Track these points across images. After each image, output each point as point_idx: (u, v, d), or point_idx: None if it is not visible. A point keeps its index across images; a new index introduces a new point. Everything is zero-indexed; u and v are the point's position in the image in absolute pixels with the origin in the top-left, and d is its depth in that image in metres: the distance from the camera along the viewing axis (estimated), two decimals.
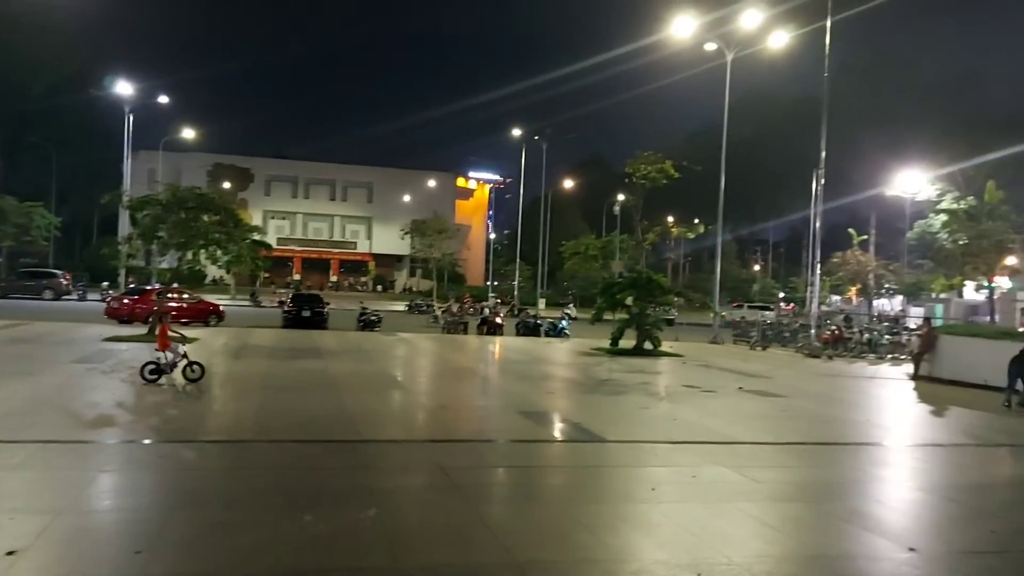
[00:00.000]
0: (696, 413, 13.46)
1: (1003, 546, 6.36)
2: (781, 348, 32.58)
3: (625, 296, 27.29)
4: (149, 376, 13.39)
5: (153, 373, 13.41)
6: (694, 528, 6.44)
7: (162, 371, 13.43)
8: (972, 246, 46.31)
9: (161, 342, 13.54)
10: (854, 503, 7.70)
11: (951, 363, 21.32)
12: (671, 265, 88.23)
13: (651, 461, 9.26)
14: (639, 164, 55.34)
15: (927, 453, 11.14)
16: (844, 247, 63.67)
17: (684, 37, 34.16)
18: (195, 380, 13.58)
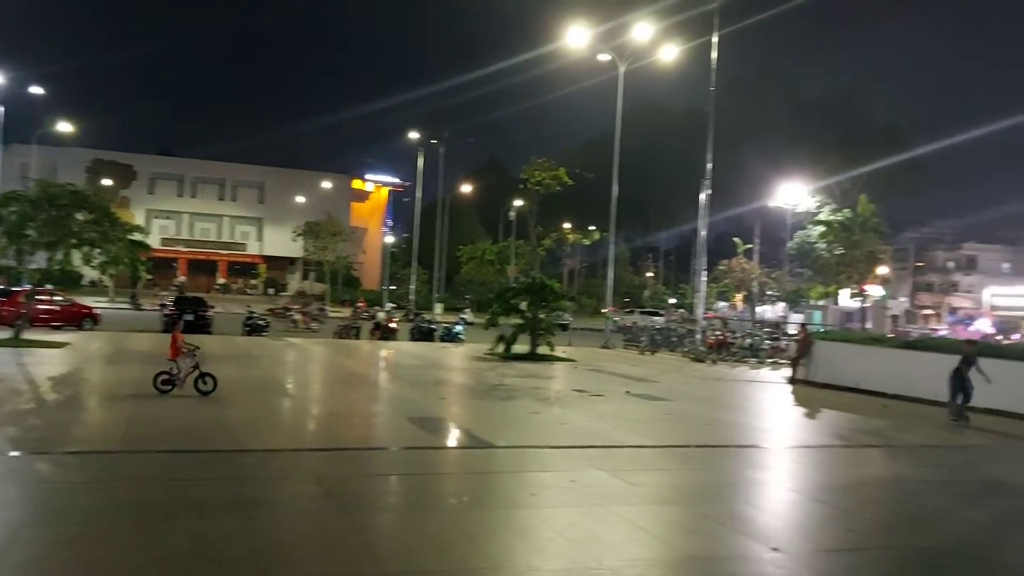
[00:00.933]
0: (583, 417, 13.62)
1: (860, 543, 6.66)
2: (669, 352, 33.48)
3: (519, 301, 27.48)
4: (162, 387, 12.87)
5: (166, 384, 12.89)
6: (570, 533, 6.47)
7: (174, 381, 12.90)
8: (847, 256, 48.96)
9: (172, 351, 12.99)
10: (727, 505, 7.93)
11: (825, 367, 22.38)
12: (567, 271, 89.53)
13: (535, 466, 9.28)
14: (534, 171, 56.06)
15: (799, 455, 11.62)
16: (730, 255, 66.20)
17: (579, 47, 34.75)
18: (207, 393, 12.94)
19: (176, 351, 12.99)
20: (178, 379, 12.91)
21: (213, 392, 12.98)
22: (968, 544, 6.86)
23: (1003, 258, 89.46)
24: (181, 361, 12.98)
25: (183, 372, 12.96)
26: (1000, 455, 12.16)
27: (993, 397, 16.86)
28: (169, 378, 12.94)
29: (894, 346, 22.06)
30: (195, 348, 13.41)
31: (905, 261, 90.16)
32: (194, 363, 13.09)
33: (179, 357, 12.97)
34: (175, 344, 13.06)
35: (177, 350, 12.99)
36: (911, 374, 19.62)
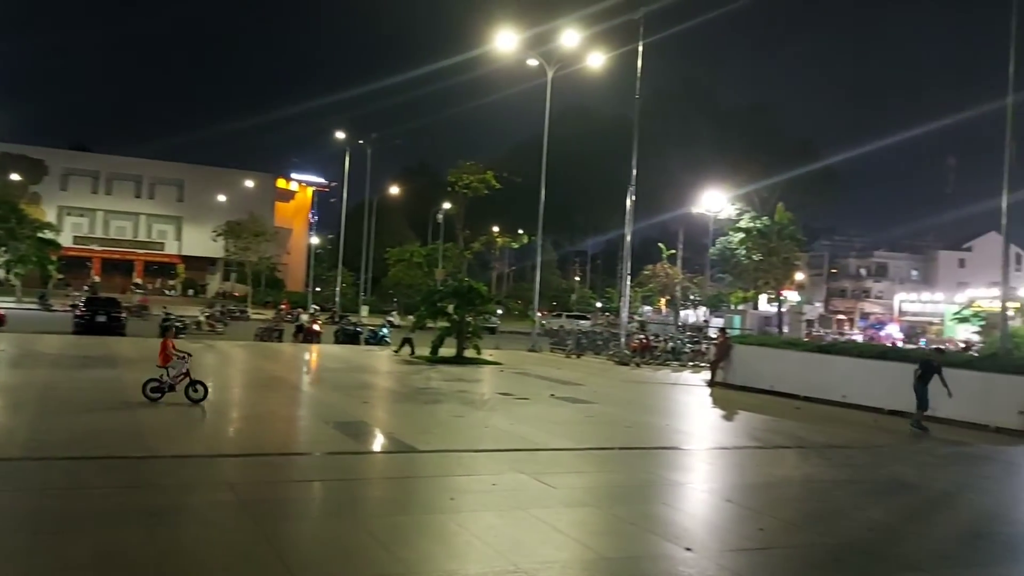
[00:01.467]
0: (507, 421, 13.66)
1: (769, 542, 6.87)
2: (595, 356, 33.88)
3: (446, 304, 27.41)
4: (151, 394, 12.57)
5: (155, 391, 12.60)
6: (488, 537, 6.48)
7: (163, 389, 12.61)
8: (765, 262, 50.45)
9: (162, 358, 12.70)
10: (643, 506, 8.07)
11: (743, 370, 22.99)
12: (495, 274, 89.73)
13: (456, 470, 9.27)
14: (462, 173, 56.04)
15: (715, 456, 11.91)
16: (656, 260, 67.54)
17: (508, 52, 34.93)
18: (198, 401, 12.61)
19: (166, 358, 12.70)
20: (167, 385, 12.63)
21: (204, 399, 12.69)
22: (869, 540, 7.14)
23: (911, 265, 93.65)
24: (171, 368, 12.68)
25: (173, 379, 12.68)
26: (902, 455, 12.71)
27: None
28: (159, 385, 12.67)
29: (807, 350, 22.83)
30: (186, 355, 13.08)
31: (820, 268, 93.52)
32: (185, 370, 12.79)
33: (169, 364, 12.68)
34: (165, 350, 12.76)
35: (167, 357, 12.70)
36: (822, 377, 20.34)
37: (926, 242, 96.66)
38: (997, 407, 16.50)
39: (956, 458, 12.51)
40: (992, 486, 10.15)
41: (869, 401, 18.60)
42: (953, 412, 17.01)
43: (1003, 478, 10.82)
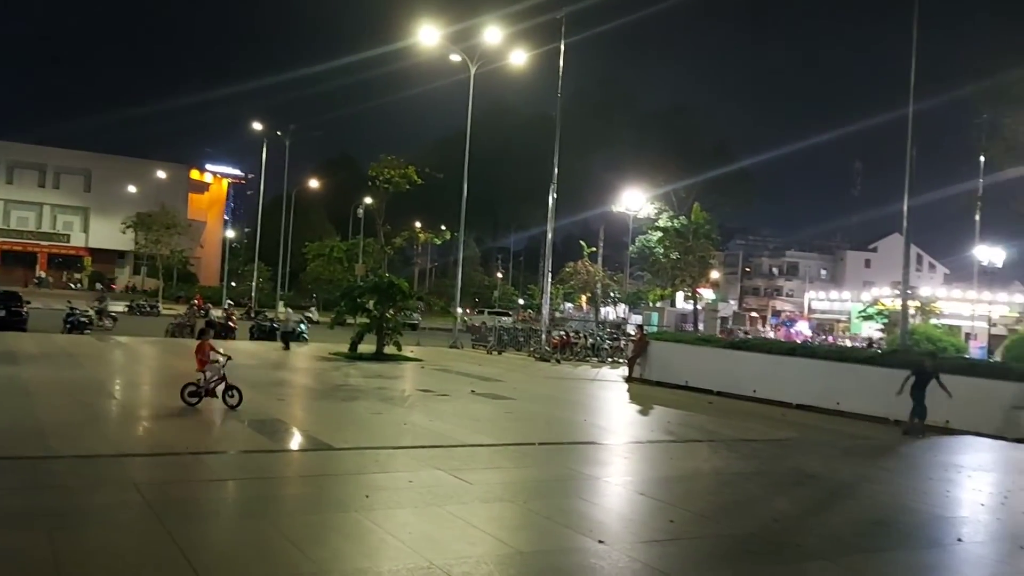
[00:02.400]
0: (426, 417, 13.62)
1: (679, 534, 7.04)
2: (516, 352, 34.07)
3: (367, 300, 27.11)
4: (189, 399, 12.34)
5: (193, 395, 12.36)
6: (402, 534, 6.44)
7: (200, 393, 12.35)
8: (682, 261, 51.63)
9: (200, 361, 12.46)
10: (559, 500, 8.15)
11: (659, 366, 23.50)
12: (418, 270, 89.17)
13: (372, 468, 9.17)
14: (383, 168, 55.44)
15: (631, 450, 12.13)
16: (577, 258, 68.23)
17: (431, 46, 34.73)
18: (233, 407, 12.39)
19: (204, 362, 12.47)
20: (203, 390, 12.38)
21: (239, 405, 12.46)
22: (774, 530, 7.39)
23: (820, 265, 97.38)
24: (209, 370, 12.45)
25: (208, 382, 12.43)
26: (806, 447, 13.20)
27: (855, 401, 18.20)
28: (196, 389, 12.41)
29: (720, 346, 23.50)
30: (226, 358, 12.82)
31: (734, 266, 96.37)
32: (221, 374, 12.52)
33: (206, 367, 12.46)
34: (202, 353, 12.53)
35: (205, 360, 12.47)
36: (734, 373, 20.97)
37: (835, 243, 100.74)
38: (897, 401, 17.29)
39: (858, 450, 13.06)
40: (891, 476, 10.65)
41: (778, 396, 19.27)
42: (857, 406, 17.79)
43: (902, 469, 11.36)
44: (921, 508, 8.84)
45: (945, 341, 37.48)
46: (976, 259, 48.72)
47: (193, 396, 12.46)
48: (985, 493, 9.88)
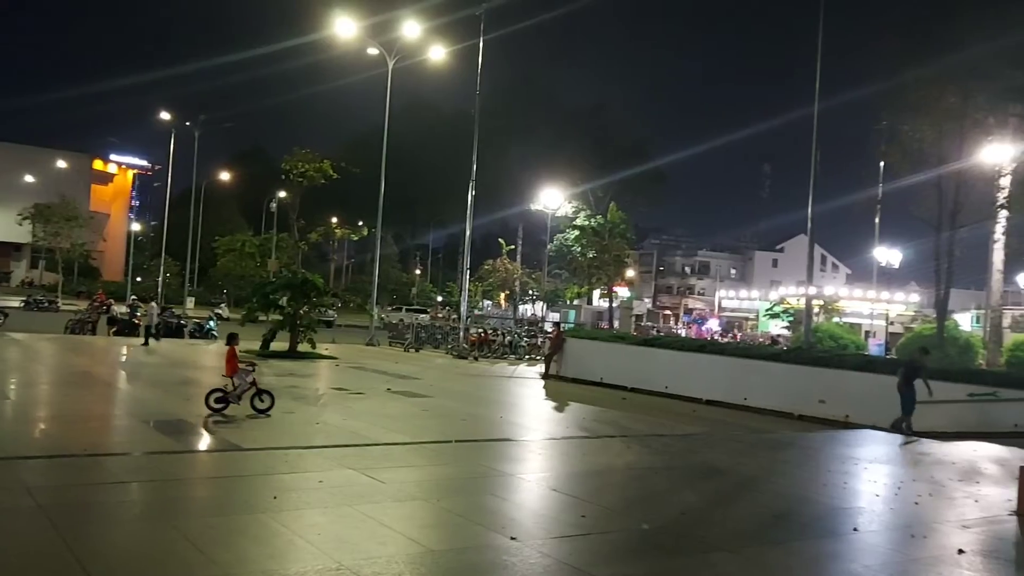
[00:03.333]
0: (340, 416, 13.45)
1: (590, 528, 7.12)
2: (434, 349, 33.94)
3: (279, 297, 26.55)
4: (215, 404, 12.14)
5: (220, 402, 12.17)
6: (311, 535, 6.31)
7: (228, 399, 12.19)
8: (598, 259, 52.39)
9: (228, 367, 12.30)
10: (472, 498, 8.14)
11: (575, 363, 23.81)
12: (334, 267, 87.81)
13: (281, 468, 8.96)
14: (296, 161, 54.32)
15: (546, 446, 12.23)
16: (496, 255, 68.46)
17: (348, 39, 34.20)
18: (264, 411, 12.29)
19: (233, 368, 12.30)
20: (233, 396, 12.22)
21: (271, 409, 12.38)
22: (681, 523, 7.57)
23: (731, 264, 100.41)
24: (238, 378, 12.28)
25: (240, 389, 12.29)
26: (714, 442, 13.58)
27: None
28: (223, 396, 12.22)
29: (634, 343, 23.98)
30: (253, 364, 12.77)
31: (649, 265, 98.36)
32: (251, 380, 12.38)
33: (236, 374, 12.27)
34: (232, 360, 12.37)
35: (235, 367, 12.30)
36: (647, 369, 21.43)
37: (744, 243, 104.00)
38: (801, 396, 18.02)
39: (763, 444, 13.51)
40: (792, 470, 11.04)
41: (689, 392, 19.79)
42: (763, 402, 18.42)
43: (803, 462, 11.78)
44: (820, 500, 9.20)
45: (846, 339, 39.18)
46: (875, 260, 51.03)
47: (220, 402, 12.25)
48: (880, 484, 10.35)
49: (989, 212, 30.37)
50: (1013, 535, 8.16)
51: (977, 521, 8.43)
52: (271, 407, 12.55)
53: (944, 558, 6.97)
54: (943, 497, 9.75)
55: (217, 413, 12.18)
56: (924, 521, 8.36)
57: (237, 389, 12.34)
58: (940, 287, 33.13)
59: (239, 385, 12.34)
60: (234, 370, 12.37)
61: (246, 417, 12.81)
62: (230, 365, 12.42)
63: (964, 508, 9.12)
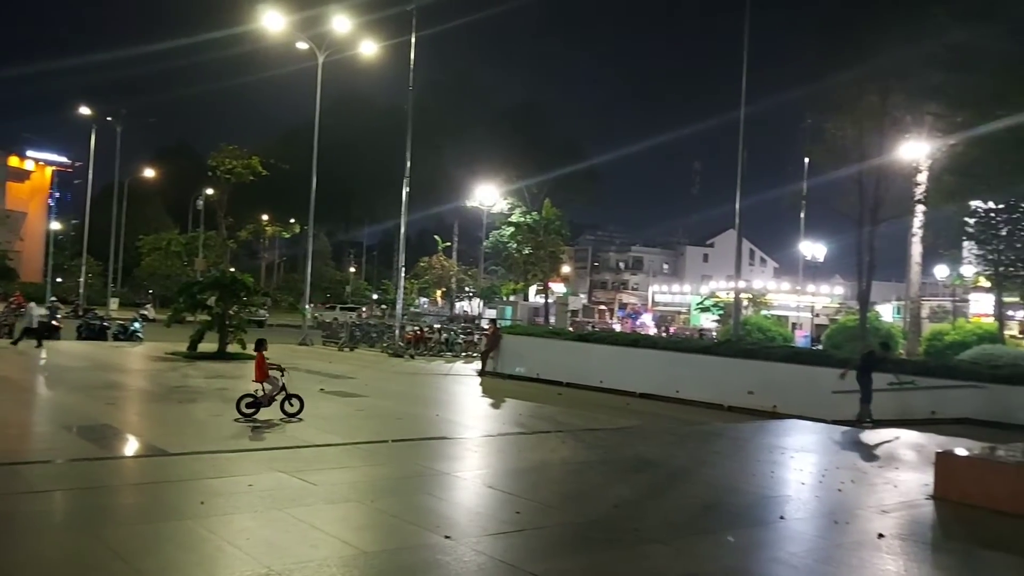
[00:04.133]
0: (271, 417, 13.18)
1: (524, 524, 7.15)
2: (369, 348, 33.57)
3: (207, 297, 25.93)
4: (246, 410, 12.23)
5: (250, 407, 12.26)
6: (238, 540, 6.18)
7: (259, 404, 12.31)
8: (533, 255, 52.64)
9: (258, 373, 12.47)
10: (407, 498, 8.09)
11: (511, 359, 23.87)
12: (265, 265, 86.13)
13: (209, 473, 8.75)
14: (223, 158, 53.06)
15: (482, 444, 12.23)
16: (431, 252, 68.14)
17: (276, 32, 33.55)
18: (294, 415, 12.43)
19: (263, 374, 12.45)
20: (265, 400, 12.39)
21: (300, 413, 12.50)
22: (615, 516, 7.66)
23: (663, 260, 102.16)
24: (268, 382, 12.44)
25: (271, 394, 12.45)
26: (647, 434, 13.80)
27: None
28: (254, 401, 12.35)
29: (569, 339, 24.18)
30: (283, 369, 12.80)
31: (584, 261, 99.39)
32: (281, 384, 12.55)
33: (266, 379, 12.42)
34: (262, 366, 12.52)
35: (265, 373, 12.45)
36: (582, 364, 21.63)
37: (676, 238, 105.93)
38: (730, 388, 18.44)
39: (694, 436, 13.77)
40: (722, 460, 11.28)
41: (623, 385, 20.04)
42: (694, 394, 18.77)
43: (732, 452, 12.05)
44: (749, 489, 9.43)
45: (774, 331, 40.25)
46: (801, 254, 52.53)
47: (250, 407, 12.32)
48: (806, 473, 10.66)
49: (907, 207, 31.51)
50: (929, 518, 8.51)
51: (896, 506, 8.76)
52: (301, 410, 12.63)
53: (865, 543, 7.21)
54: (865, 483, 10.10)
55: (248, 419, 12.23)
56: (847, 507, 8.65)
57: (268, 394, 12.48)
58: (862, 280, 34.26)
59: (270, 390, 12.50)
60: (264, 376, 12.53)
61: (171, 421, 12.50)
62: (260, 371, 12.57)
63: (884, 493, 9.46)
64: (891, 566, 6.57)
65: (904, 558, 6.86)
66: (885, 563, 6.64)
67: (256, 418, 12.30)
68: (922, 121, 28.52)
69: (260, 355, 12.82)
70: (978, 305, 47.20)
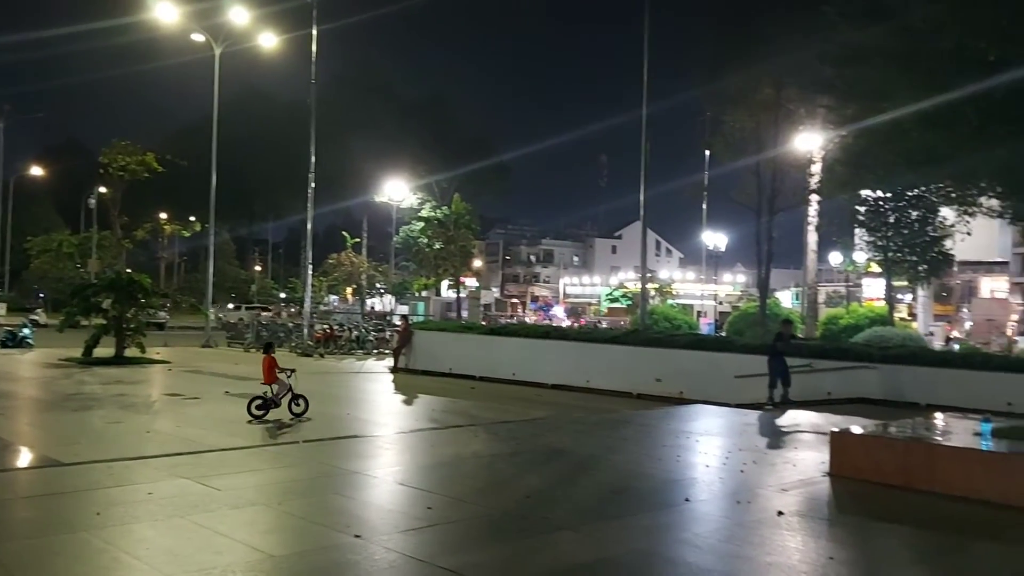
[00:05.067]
0: (173, 423, 12.79)
1: (436, 519, 7.13)
2: (277, 348, 32.78)
3: (102, 299, 24.87)
4: (256, 411, 12.91)
5: (260, 408, 12.95)
6: (138, 551, 5.95)
7: (269, 405, 13.00)
8: (444, 250, 52.50)
9: (268, 376, 13.14)
10: (315, 499, 7.94)
11: (424, 356, 23.74)
12: (165, 265, 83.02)
13: (107, 482, 8.38)
14: (116, 154, 50.80)
15: (394, 441, 12.13)
16: (340, 249, 66.98)
17: (170, 23, 32.30)
18: (300, 415, 13.22)
19: (273, 376, 13.09)
20: (274, 402, 13.04)
21: (306, 412, 13.24)
22: (526, 506, 7.73)
23: (573, 252, 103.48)
24: (277, 385, 13.12)
25: (280, 395, 13.13)
26: (558, 424, 13.96)
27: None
28: (264, 402, 12.99)
29: (481, 333, 24.22)
30: (291, 371, 13.61)
31: (495, 255, 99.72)
32: (289, 386, 13.29)
33: (275, 382, 13.09)
34: (271, 368, 13.16)
35: (274, 375, 13.11)
36: (495, 357, 21.71)
37: (585, 231, 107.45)
38: (639, 376, 18.85)
39: (604, 424, 14.00)
40: (630, 447, 11.52)
41: (535, 377, 20.23)
42: (604, 383, 19.11)
43: (640, 439, 12.32)
44: (655, 474, 9.66)
45: (680, 319, 41.31)
46: (704, 244, 54.16)
47: (261, 409, 12.94)
48: (710, 456, 11.00)
49: (803, 197, 32.86)
50: (825, 494, 8.91)
51: (795, 484, 9.14)
52: (306, 410, 13.31)
53: (766, 520, 7.50)
54: (766, 464, 10.50)
55: (259, 420, 12.80)
56: (748, 487, 8.97)
57: (278, 395, 13.13)
58: (762, 268, 35.62)
59: (279, 391, 13.15)
60: (274, 378, 13.14)
61: (66, 430, 11.93)
62: (270, 373, 13.17)
63: (784, 473, 9.85)
64: (790, 542, 6.85)
65: (802, 534, 7.16)
66: (784, 539, 6.92)
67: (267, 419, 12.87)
68: (815, 114, 29.75)
69: (270, 358, 13.45)
70: (870, 289, 49.75)
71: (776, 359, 16.13)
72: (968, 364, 16.82)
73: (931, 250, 29.00)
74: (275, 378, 13.17)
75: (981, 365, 16.65)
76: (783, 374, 16.07)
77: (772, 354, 16.28)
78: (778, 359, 16.12)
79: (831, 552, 6.59)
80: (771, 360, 16.19)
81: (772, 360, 16.18)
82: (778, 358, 16.13)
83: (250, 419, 12.79)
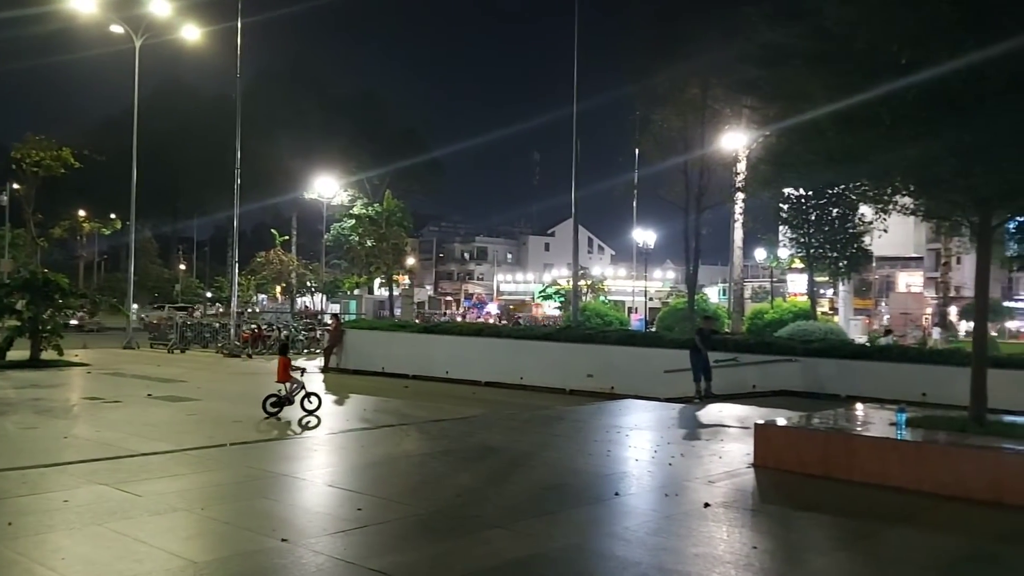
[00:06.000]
0: (92, 428, 12.35)
1: (366, 520, 7.05)
2: (202, 349, 32.00)
3: (16, 300, 23.89)
4: (271, 408, 13.57)
5: (275, 405, 13.61)
6: (52, 561, 5.72)
7: (283, 403, 13.64)
8: (376, 248, 51.98)
9: (282, 375, 13.82)
10: (241, 503, 7.77)
11: (355, 354, 23.47)
12: (84, 264, 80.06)
13: (19, 490, 8.02)
14: (30, 149, 48.74)
15: (324, 442, 11.93)
16: (269, 247, 65.63)
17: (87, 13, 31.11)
18: (312, 411, 13.85)
19: (287, 375, 13.77)
20: (288, 398, 13.71)
21: (319, 409, 13.93)
22: (457, 505, 7.71)
23: (507, 249, 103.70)
24: (291, 383, 13.77)
25: (293, 392, 13.77)
26: (491, 422, 13.96)
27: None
28: (278, 400, 13.66)
29: (414, 331, 24.04)
30: (303, 370, 14.70)
31: (429, 253, 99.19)
32: (302, 384, 14.02)
33: (289, 380, 13.76)
34: (284, 368, 13.87)
35: (287, 374, 13.78)
36: (428, 356, 21.62)
37: (519, 228, 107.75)
38: (571, 372, 19.00)
39: (536, 421, 14.08)
40: (562, 443, 11.60)
41: (468, 375, 20.20)
42: (537, 380, 19.21)
43: (572, 435, 12.42)
44: (587, 469, 9.76)
45: (611, 315, 41.88)
46: (635, 241, 54.91)
47: (275, 406, 13.60)
48: (640, 449, 11.16)
49: (729, 195, 33.64)
50: (750, 485, 9.13)
51: (721, 476, 9.35)
52: (319, 407, 13.99)
53: (693, 512, 7.65)
54: (693, 456, 10.71)
55: (273, 416, 13.45)
56: (676, 480, 9.14)
57: (291, 392, 13.76)
58: (690, 264, 36.35)
59: (292, 389, 13.80)
60: (287, 377, 13.81)
61: None
62: (284, 372, 13.86)
63: (711, 465, 10.07)
64: (716, 533, 7.01)
65: (727, 524, 7.32)
66: (711, 530, 7.07)
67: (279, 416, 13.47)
68: (740, 113, 30.45)
69: (282, 359, 14.19)
70: (794, 285, 51.28)
71: (697, 354, 16.49)
72: (885, 356, 17.48)
73: (851, 246, 29.99)
74: (289, 377, 13.84)
75: (898, 357, 17.32)
76: (705, 368, 16.46)
77: (694, 349, 16.67)
78: (699, 354, 16.47)
79: (755, 541, 6.76)
80: (692, 355, 16.55)
81: (693, 355, 16.54)
82: (699, 353, 16.48)
83: (266, 415, 13.45)
